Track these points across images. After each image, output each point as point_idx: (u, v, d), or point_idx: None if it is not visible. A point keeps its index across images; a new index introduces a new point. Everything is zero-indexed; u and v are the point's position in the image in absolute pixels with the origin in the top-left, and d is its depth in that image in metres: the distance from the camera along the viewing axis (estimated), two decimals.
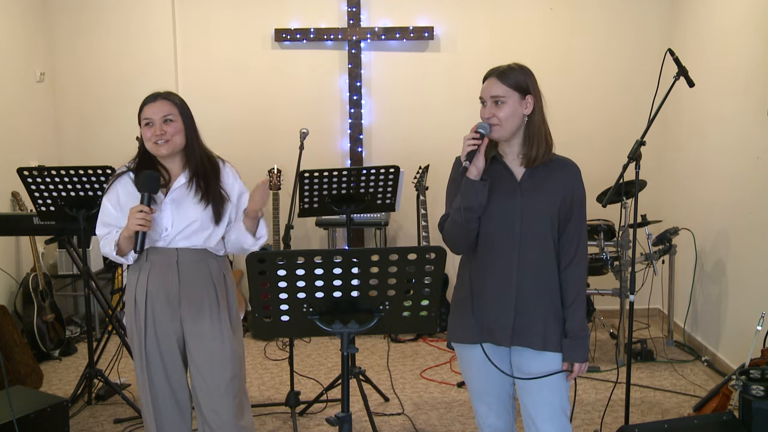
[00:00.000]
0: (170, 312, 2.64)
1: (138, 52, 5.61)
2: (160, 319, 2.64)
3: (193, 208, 2.61)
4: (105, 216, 2.66)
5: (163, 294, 2.63)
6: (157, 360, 2.66)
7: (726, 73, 4.55)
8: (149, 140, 2.59)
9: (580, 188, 2.37)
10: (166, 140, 2.57)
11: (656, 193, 5.38)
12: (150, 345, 2.65)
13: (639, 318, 5.49)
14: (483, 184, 2.26)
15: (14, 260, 5.10)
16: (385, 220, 5.30)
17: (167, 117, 2.58)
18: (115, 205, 2.64)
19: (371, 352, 5.00)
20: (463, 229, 2.30)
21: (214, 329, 2.65)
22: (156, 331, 2.65)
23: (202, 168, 2.64)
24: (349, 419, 2.04)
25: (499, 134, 2.31)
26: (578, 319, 2.35)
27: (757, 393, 2.95)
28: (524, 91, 2.30)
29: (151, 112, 2.58)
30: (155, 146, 2.58)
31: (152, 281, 2.63)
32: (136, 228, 2.49)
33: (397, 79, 5.69)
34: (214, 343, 2.64)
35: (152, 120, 2.57)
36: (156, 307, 2.64)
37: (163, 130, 2.56)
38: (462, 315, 2.41)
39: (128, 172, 2.67)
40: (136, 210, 2.49)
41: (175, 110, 2.61)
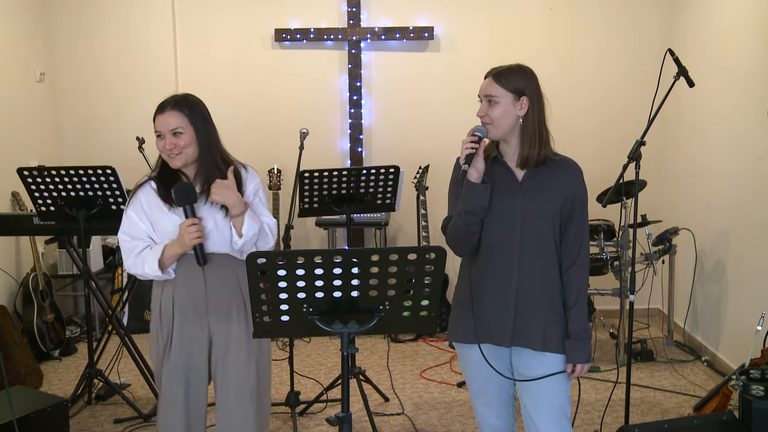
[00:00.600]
0: (198, 320, 2.56)
1: (138, 52, 5.61)
2: (187, 329, 2.56)
3: (211, 217, 2.52)
4: (131, 228, 2.56)
5: (190, 302, 2.55)
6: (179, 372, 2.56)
7: (726, 73, 4.55)
8: (162, 152, 2.53)
9: (581, 188, 2.37)
10: (178, 153, 2.49)
11: (656, 193, 5.38)
12: (174, 356, 2.56)
13: (639, 318, 5.49)
14: (484, 186, 2.27)
15: (14, 260, 5.10)
16: (385, 220, 5.30)
17: (176, 130, 2.49)
18: (140, 215, 2.55)
19: (371, 352, 5.00)
20: (465, 232, 2.30)
21: (241, 335, 2.56)
22: (181, 341, 2.56)
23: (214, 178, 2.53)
24: (349, 419, 2.04)
25: (493, 134, 2.33)
26: (581, 320, 2.35)
27: (757, 393, 2.95)
28: (519, 92, 2.30)
29: (160, 125, 2.50)
30: (169, 159, 2.52)
31: (178, 290, 2.55)
32: (194, 242, 2.42)
33: (397, 79, 5.69)
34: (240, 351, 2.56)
35: (162, 133, 2.50)
36: (183, 317, 2.55)
37: (174, 143, 2.48)
38: (462, 315, 2.41)
39: (150, 181, 2.59)
40: (187, 225, 2.42)
41: (185, 121, 2.50)
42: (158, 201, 2.55)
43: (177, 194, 2.46)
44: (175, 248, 2.47)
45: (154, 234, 2.55)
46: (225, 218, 2.52)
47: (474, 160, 2.26)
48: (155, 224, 2.55)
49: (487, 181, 2.28)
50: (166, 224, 2.53)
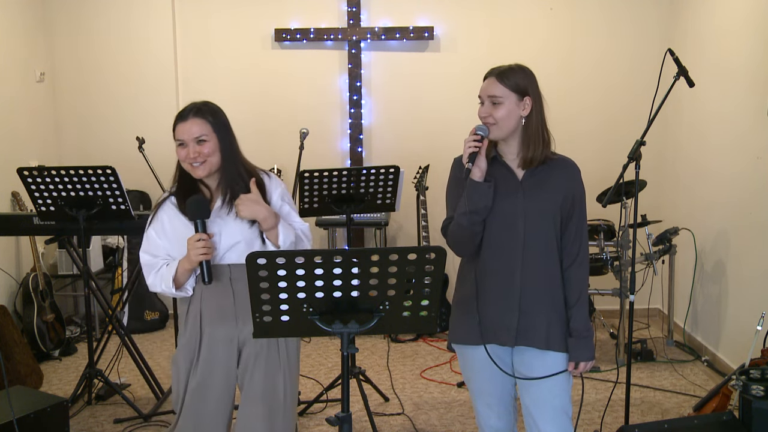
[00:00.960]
0: (227, 333, 2.46)
1: (138, 52, 5.62)
2: (216, 343, 2.47)
3: (237, 227, 2.44)
4: (150, 245, 2.49)
5: (218, 314, 2.46)
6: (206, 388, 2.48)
7: (726, 73, 4.55)
8: (184, 161, 2.43)
9: (580, 187, 2.38)
10: (202, 162, 2.41)
11: (656, 193, 5.38)
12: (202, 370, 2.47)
13: (639, 318, 5.49)
14: (488, 185, 2.26)
15: (14, 260, 5.10)
16: (385, 220, 5.30)
17: (200, 137, 2.41)
18: (160, 233, 2.48)
19: (371, 352, 5.00)
20: (469, 232, 2.30)
21: (271, 346, 2.48)
22: (210, 356, 2.48)
23: (238, 187, 2.46)
24: (349, 419, 2.04)
25: (496, 134, 2.31)
26: (582, 318, 2.35)
27: (757, 393, 2.95)
28: (522, 92, 2.30)
29: (183, 133, 2.41)
30: (191, 168, 2.43)
31: (206, 302, 2.47)
32: (199, 258, 2.33)
33: (397, 79, 5.69)
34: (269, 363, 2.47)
35: (185, 141, 2.41)
36: (213, 331, 2.47)
37: (197, 152, 2.40)
38: (464, 316, 2.40)
39: (170, 197, 2.51)
40: (194, 240, 2.34)
41: (208, 128, 2.43)
42: (180, 217, 2.46)
43: (190, 208, 2.38)
44: (185, 264, 2.39)
45: (176, 251, 2.46)
46: (251, 228, 2.43)
47: (477, 159, 2.25)
48: (180, 241, 2.44)
49: (490, 180, 2.28)
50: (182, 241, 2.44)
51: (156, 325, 5.54)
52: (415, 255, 1.92)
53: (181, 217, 2.46)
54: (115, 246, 5.47)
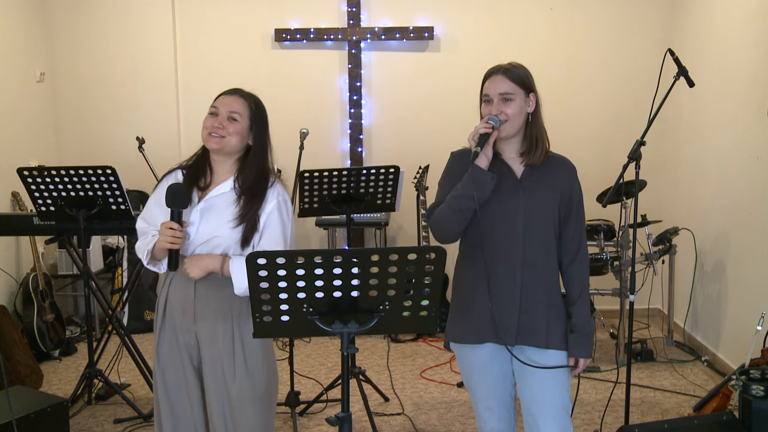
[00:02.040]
0: (186, 324, 2.47)
1: (138, 53, 5.62)
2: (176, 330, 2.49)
3: (223, 223, 2.40)
4: (146, 211, 2.52)
5: (180, 305, 2.47)
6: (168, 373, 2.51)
7: (726, 73, 4.55)
8: (206, 129, 2.41)
9: (577, 185, 2.39)
10: (222, 136, 2.39)
11: (656, 193, 5.38)
12: (162, 350, 2.51)
13: (639, 318, 5.49)
14: (491, 176, 2.25)
15: (14, 260, 5.10)
16: (385, 220, 5.30)
17: (233, 114, 2.42)
18: (158, 201, 2.46)
19: (371, 352, 5.00)
20: (456, 217, 2.27)
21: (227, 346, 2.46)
22: (170, 341, 2.50)
23: (251, 184, 2.44)
24: (349, 419, 2.04)
25: (507, 131, 2.30)
26: (584, 315, 2.36)
27: (757, 393, 2.95)
28: (528, 88, 2.32)
29: (221, 103, 2.44)
30: (208, 137, 2.42)
31: (172, 291, 2.49)
32: (166, 246, 2.34)
33: (397, 79, 5.69)
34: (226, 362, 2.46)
35: (218, 110, 2.43)
36: (174, 318, 2.49)
37: (223, 125, 2.40)
38: (463, 315, 2.40)
39: (178, 170, 2.52)
40: (165, 227, 2.33)
41: (246, 111, 2.45)
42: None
43: (169, 195, 2.36)
44: (158, 243, 2.40)
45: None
46: (235, 229, 2.40)
47: (484, 148, 2.25)
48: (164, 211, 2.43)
49: (494, 173, 2.27)
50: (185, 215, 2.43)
51: None
52: (415, 255, 1.92)
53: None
54: (115, 246, 5.47)
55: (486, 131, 2.23)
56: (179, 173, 2.51)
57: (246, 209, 2.40)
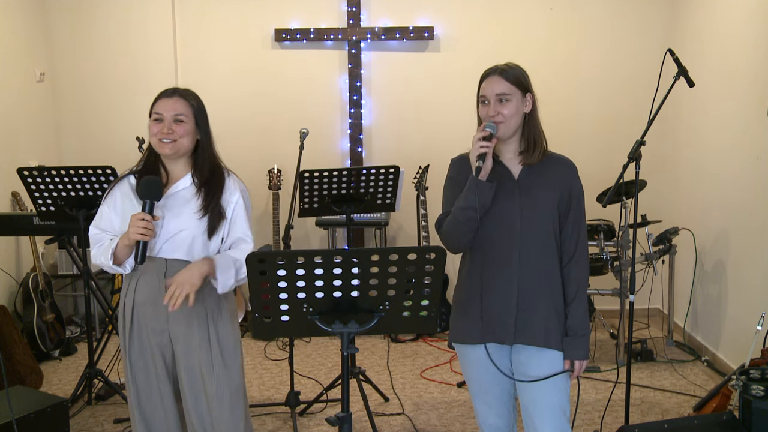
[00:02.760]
0: (157, 325, 2.47)
1: (138, 53, 5.61)
2: (146, 332, 2.49)
3: (187, 216, 2.44)
4: (100, 219, 2.51)
5: (151, 307, 2.46)
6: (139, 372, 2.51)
7: (726, 73, 4.55)
8: (155, 136, 2.44)
9: (577, 184, 2.38)
10: (173, 140, 2.42)
11: (656, 193, 5.38)
12: (133, 355, 2.51)
13: (639, 318, 5.49)
14: (490, 185, 2.26)
15: (14, 260, 5.10)
16: (385, 220, 5.30)
17: (178, 116, 2.43)
18: (112, 208, 2.50)
19: (371, 352, 5.00)
20: (464, 227, 2.30)
21: (203, 347, 2.47)
22: (141, 343, 2.50)
23: (207, 176, 2.49)
24: (349, 419, 2.04)
25: (504, 132, 2.31)
26: (579, 317, 2.35)
27: (757, 393, 2.95)
28: (525, 89, 2.32)
29: (163, 108, 2.44)
30: (159, 143, 2.44)
31: (140, 291, 2.48)
32: (136, 237, 2.32)
33: (397, 79, 5.69)
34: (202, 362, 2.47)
35: (162, 116, 2.43)
36: (142, 320, 2.48)
37: (171, 129, 2.42)
38: (463, 315, 2.41)
39: (129, 175, 2.54)
40: (137, 218, 2.32)
41: (189, 111, 2.47)
42: (132, 196, 2.49)
43: (143, 187, 2.38)
44: (124, 239, 2.39)
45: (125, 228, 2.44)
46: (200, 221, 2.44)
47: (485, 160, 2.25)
48: (124, 219, 2.46)
49: (493, 181, 2.28)
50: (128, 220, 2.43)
51: None
52: (415, 255, 1.92)
53: (133, 196, 2.48)
54: None
55: (484, 150, 2.22)
56: (131, 178, 2.53)
57: (208, 200, 2.46)
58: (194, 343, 2.48)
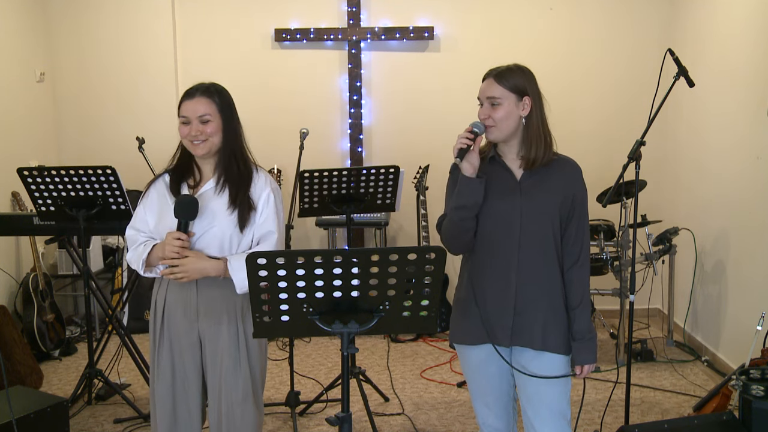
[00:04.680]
0: (187, 324, 2.50)
1: (138, 52, 5.62)
2: (176, 332, 2.51)
3: (217, 212, 2.46)
4: (137, 220, 2.55)
5: (181, 305, 2.49)
6: (167, 373, 2.53)
7: (726, 73, 4.55)
8: (185, 138, 2.47)
9: (581, 187, 2.36)
10: (203, 140, 2.44)
11: (656, 193, 5.38)
12: (163, 357, 2.52)
13: (639, 318, 5.49)
14: (479, 181, 2.26)
15: (14, 260, 5.10)
16: (385, 220, 5.30)
17: (204, 117, 2.44)
18: (148, 207, 2.53)
19: (371, 352, 5.00)
20: (459, 227, 2.30)
21: (231, 343, 2.50)
22: (171, 344, 2.52)
23: (234, 171, 2.49)
24: (349, 419, 2.04)
25: (495, 135, 2.31)
26: (585, 321, 2.34)
27: (757, 393, 2.95)
28: (521, 92, 2.29)
29: (188, 110, 2.45)
30: (192, 145, 2.46)
31: (171, 291, 2.51)
32: (172, 255, 2.37)
33: (397, 79, 5.69)
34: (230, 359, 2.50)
35: (189, 119, 2.44)
36: (173, 319, 2.51)
37: (200, 130, 2.44)
38: (462, 316, 2.40)
39: (164, 174, 2.56)
40: (173, 237, 2.38)
41: (214, 108, 2.47)
42: (167, 195, 2.50)
43: (178, 207, 2.41)
44: (158, 252, 2.44)
45: (160, 228, 2.50)
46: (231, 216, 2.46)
47: (468, 155, 2.24)
48: (160, 220, 2.49)
49: (482, 176, 2.27)
50: (164, 220, 2.48)
51: None
52: (415, 255, 1.92)
53: (168, 196, 2.50)
54: (115, 246, 5.47)
55: (462, 146, 2.23)
56: (166, 177, 2.56)
57: (235, 193, 2.47)
58: (223, 341, 2.50)
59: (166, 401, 2.54)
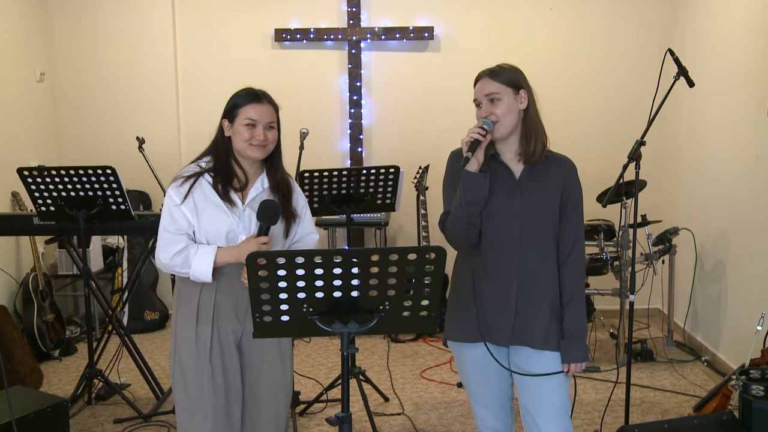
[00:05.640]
0: (233, 324, 2.49)
1: (138, 52, 5.62)
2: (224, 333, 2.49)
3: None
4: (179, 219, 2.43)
5: (231, 306, 2.48)
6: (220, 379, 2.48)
7: (726, 73, 4.55)
8: (246, 141, 2.45)
9: (576, 185, 2.37)
10: (264, 146, 2.47)
11: (656, 193, 5.38)
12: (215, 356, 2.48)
13: (639, 318, 5.49)
14: (483, 176, 2.26)
15: (14, 260, 5.10)
16: (385, 220, 5.30)
17: (271, 123, 2.50)
18: (192, 210, 2.44)
19: (371, 352, 5.00)
20: (466, 224, 2.29)
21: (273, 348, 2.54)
22: (221, 343, 2.49)
23: (280, 180, 2.55)
24: (349, 419, 2.04)
25: (500, 132, 2.31)
26: (575, 319, 2.34)
27: (757, 393, 2.95)
28: (517, 86, 2.31)
29: (258, 115, 2.48)
30: (250, 147, 2.46)
31: (221, 295, 2.47)
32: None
33: (397, 79, 5.69)
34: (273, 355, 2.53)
35: (257, 123, 2.47)
36: (222, 319, 2.48)
37: (266, 136, 2.47)
38: (461, 314, 2.40)
39: (205, 174, 2.49)
40: (259, 242, 2.37)
41: (276, 117, 2.54)
42: (215, 197, 2.45)
43: (264, 211, 2.39)
44: (230, 257, 2.40)
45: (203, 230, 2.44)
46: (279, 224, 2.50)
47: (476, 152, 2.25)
48: (204, 221, 2.44)
49: (486, 171, 2.27)
50: (221, 225, 2.44)
51: (156, 325, 5.54)
52: (415, 255, 1.92)
53: (214, 195, 2.45)
54: (115, 246, 5.47)
55: (478, 137, 2.23)
56: (207, 176, 2.49)
57: (286, 203, 2.54)
58: (266, 342, 2.54)
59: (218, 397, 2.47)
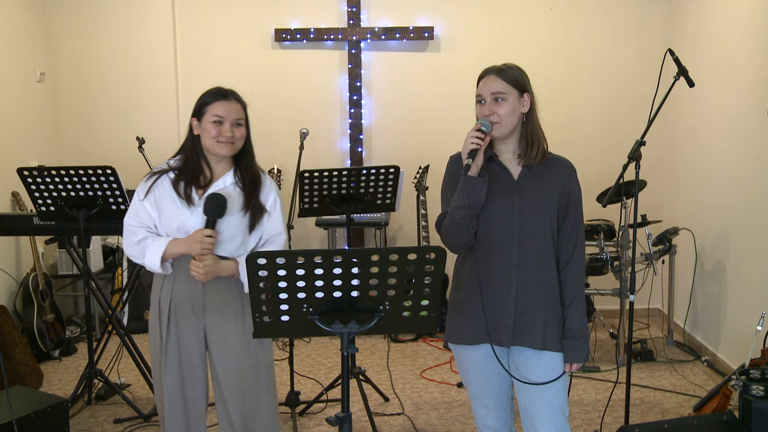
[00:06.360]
0: (194, 320, 2.56)
1: (138, 53, 5.62)
2: (183, 327, 2.56)
3: (232, 212, 2.52)
4: (140, 215, 2.56)
5: (188, 302, 2.55)
6: (175, 368, 2.58)
7: (726, 73, 4.55)
8: (213, 138, 2.51)
9: (575, 186, 2.37)
10: (231, 142, 2.52)
11: (656, 193, 5.38)
12: (170, 352, 2.57)
13: (639, 318, 5.49)
14: (482, 180, 2.26)
15: (14, 260, 5.10)
16: (385, 220, 5.30)
17: (239, 120, 2.54)
18: (153, 205, 2.55)
19: (371, 352, 5.00)
20: (462, 227, 2.29)
21: (236, 338, 2.57)
22: (179, 339, 2.57)
23: (248, 175, 2.58)
24: (349, 419, 2.04)
25: (499, 132, 2.30)
26: (577, 319, 2.34)
27: (757, 393, 2.95)
28: (522, 88, 2.31)
29: (224, 111, 2.52)
30: (217, 144, 2.51)
31: (177, 288, 2.55)
32: (203, 253, 2.44)
33: (397, 79, 5.69)
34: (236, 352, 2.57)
35: (223, 119, 2.51)
36: (179, 315, 2.56)
37: (234, 133, 2.52)
38: (461, 316, 2.40)
39: (169, 173, 2.57)
40: (204, 234, 2.43)
41: (244, 114, 2.58)
42: (173, 193, 2.53)
43: (210, 204, 2.46)
44: (180, 248, 2.49)
45: (161, 224, 2.55)
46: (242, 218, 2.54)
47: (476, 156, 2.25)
48: (162, 215, 2.54)
49: (485, 175, 2.27)
50: (173, 219, 2.53)
51: None
52: (415, 255, 1.92)
53: (173, 194, 2.53)
54: (115, 246, 5.47)
55: (475, 146, 2.22)
56: (171, 174, 2.57)
57: (250, 197, 2.56)
58: (229, 337, 2.57)
59: (175, 393, 2.59)
